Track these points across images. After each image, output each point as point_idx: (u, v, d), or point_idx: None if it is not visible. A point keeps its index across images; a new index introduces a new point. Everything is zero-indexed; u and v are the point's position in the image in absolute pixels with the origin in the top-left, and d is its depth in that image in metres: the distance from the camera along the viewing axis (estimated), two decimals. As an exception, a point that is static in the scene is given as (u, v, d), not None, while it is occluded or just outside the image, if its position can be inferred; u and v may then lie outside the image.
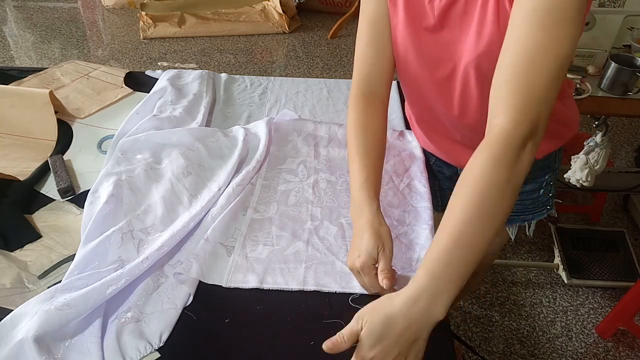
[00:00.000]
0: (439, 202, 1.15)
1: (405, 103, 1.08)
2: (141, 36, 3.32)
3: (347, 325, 0.64)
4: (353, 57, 0.92)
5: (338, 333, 0.64)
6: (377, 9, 0.84)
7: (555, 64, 0.63)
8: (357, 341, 0.63)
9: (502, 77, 0.65)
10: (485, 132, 0.67)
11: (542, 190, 1.04)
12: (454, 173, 1.07)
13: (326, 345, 0.63)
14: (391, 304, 0.62)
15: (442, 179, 1.11)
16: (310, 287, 0.79)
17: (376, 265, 0.74)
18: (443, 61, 0.82)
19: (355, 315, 0.64)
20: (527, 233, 1.11)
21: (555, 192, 1.08)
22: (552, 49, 0.62)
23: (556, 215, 1.07)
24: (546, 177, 1.03)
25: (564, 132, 0.98)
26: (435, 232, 0.89)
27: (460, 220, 0.62)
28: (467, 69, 0.79)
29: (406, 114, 1.13)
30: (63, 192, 0.95)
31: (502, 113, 0.64)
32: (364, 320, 0.63)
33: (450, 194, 1.13)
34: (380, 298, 0.65)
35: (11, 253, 0.85)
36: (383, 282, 0.71)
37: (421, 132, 1.05)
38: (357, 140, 0.86)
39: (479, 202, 0.62)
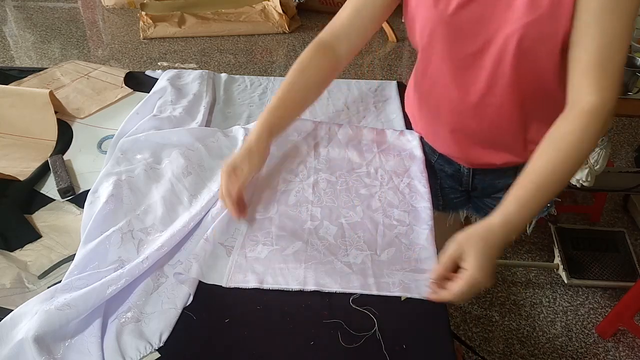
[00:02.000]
0: (440, 201, 1.14)
1: (407, 100, 1.07)
2: (141, 36, 3.32)
3: (446, 254, 0.73)
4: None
5: (438, 264, 0.74)
6: None
7: (626, 51, 0.74)
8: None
9: (590, 61, 0.73)
10: (572, 104, 0.76)
11: None
12: (456, 171, 1.07)
13: (429, 283, 0.74)
14: (487, 229, 0.73)
15: (443, 178, 1.11)
16: (310, 287, 0.79)
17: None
18: (475, 34, 0.81)
19: (451, 241, 0.73)
20: (527, 231, 1.11)
21: None
22: (626, 38, 0.73)
23: (555, 214, 1.07)
24: None
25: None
26: (435, 232, 0.90)
27: (546, 169, 0.74)
28: (506, 41, 0.79)
29: (406, 110, 1.12)
30: (63, 192, 0.95)
31: (593, 91, 0.74)
32: (464, 248, 0.72)
33: (452, 193, 1.13)
34: (472, 227, 0.74)
35: (11, 253, 0.85)
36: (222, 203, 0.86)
37: (427, 125, 1.04)
38: (290, 75, 0.91)
39: (564, 158, 0.74)
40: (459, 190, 1.12)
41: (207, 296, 0.78)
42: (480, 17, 0.79)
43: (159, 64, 3.05)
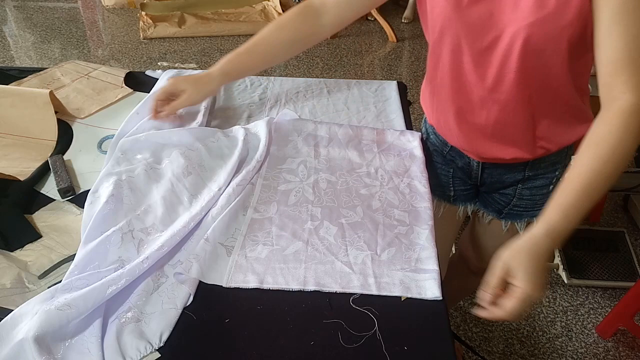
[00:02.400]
0: (451, 192, 1.14)
1: (422, 93, 1.07)
2: (141, 36, 3.32)
3: (492, 275, 0.71)
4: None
5: (484, 288, 0.71)
6: None
7: None
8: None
9: (619, 59, 0.72)
10: (607, 105, 0.75)
11: (551, 187, 1.04)
12: (466, 164, 1.06)
13: (483, 304, 0.71)
14: (532, 242, 0.71)
15: (454, 169, 1.11)
16: (310, 287, 0.79)
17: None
18: (485, 30, 0.82)
19: (496, 259, 0.72)
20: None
21: None
22: None
23: None
24: (557, 172, 1.02)
25: (579, 129, 0.98)
26: (434, 232, 0.90)
27: (587, 174, 0.72)
28: (513, 38, 0.79)
29: (421, 102, 1.11)
30: (63, 192, 0.95)
31: (628, 89, 0.72)
32: (510, 264, 0.70)
33: (461, 185, 1.14)
34: (515, 242, 0.72)
35: (11, 253, 0.85)
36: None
37: (438, 117, 1.04)
38: (266, 29, 0.92)
39: (605, 161, 0.72)
40: (469, 183, 1.12)
41: (207, 296, 0.79)
42: (490, 14, 0.80)
43: (159, 64, 3.05)
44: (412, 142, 1.08)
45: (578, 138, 1.00)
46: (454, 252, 1.85)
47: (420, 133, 1.11)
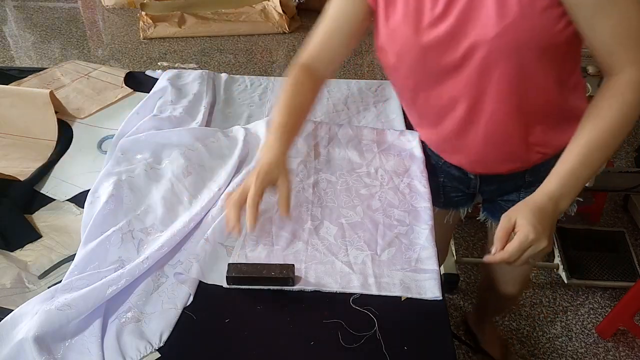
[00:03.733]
0: (441, 198, 1.14)
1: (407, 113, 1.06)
2: (141, 36, 3.32)
3: (499, 227, 0.76)
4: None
5: (495, 242, 0.76)
6: (342, 9, 0.90)
7: None
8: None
9: (611, 44, 0.74)
10: (607, 79, 0.78)
11: None
12: (463, 174, 1.06)
13: (495, 250, 0.75)
14: (533, 200, 0.76)
15: (448, 178, 1.10)
16: (310, 287, 0.79)
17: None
18: (448, 51, 0.80)
19: (502, 216, 0.77)
20: (571, 212, 1.09)
21: None
22: (637, 17, 0.73)
23: (573, 214, 1.06)
24: None
25: (575, 128, 0.97)
26: (434, 232, 0.90)
27: (589, 142, 0.76)
28: (480, 53, 0.77)
29: (409, 117, 1.11)
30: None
31: (626, 63, 0.75)
32: (514, 217, 0.75)
33: (453, 192, 1.13)
34: (520, 202, 0.78)
35: (11, 253, 0.85)
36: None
37: (428, 136, 1.04)
38: (285, 93, 0.91)
39: (605, 130, 0.76)
40: (464, 191, 1.11)
41: (207, 296, 0.79)
42: (453, 33, 0.78)
43: (159, 64, 3.05)
44: (412, 142, 1.08)
45: None
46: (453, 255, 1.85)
47: (419, 133, 1.11)
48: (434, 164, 1.08)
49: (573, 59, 0.84)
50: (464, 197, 1.14)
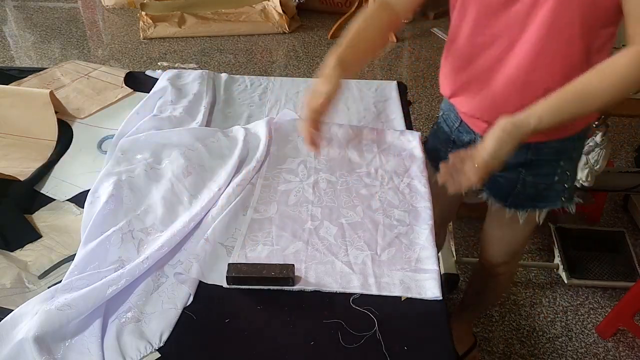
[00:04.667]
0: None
1: (443, 61, 1.06)
2: (141, 36, 3.32)
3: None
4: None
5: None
6: None
7: None
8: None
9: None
10: (627, 47, 0.80)
11: (556, 177, 1.02)
12: (472, 140, 1.05)
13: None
14: (512, 118, 0.80)
15: (457, 147, 1.07)
16: (310, 287, 0.79)
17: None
18: None
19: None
20: (537, 220, 1.09)
21: (573, 185, 1.06)
22: None
23: (573, 212, 1.06)
24: (561, 162, 1.01)
25: (581, 118, 0.97)
26: (434, 233, 0.90)
27: (581, 83, 0.80)
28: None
29: (440, 73, 1.08)
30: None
31: None
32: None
33: None
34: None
35: (11, 253, 0.85)
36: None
37: (456, 82, 1.02)
38: (357, 23, 0.93)
39: (605, 76, 0.79)
40: None
41: (207, 296, 0.79)
42: None
43: (159, 64, 3.05)
44: (412, 142, 1.08)
45: (579, 129, 0.99)
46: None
47: (419, 133, 1.11)
48: (451, 140, 1.08)
49: (606, 36, 0.87)
50: None
